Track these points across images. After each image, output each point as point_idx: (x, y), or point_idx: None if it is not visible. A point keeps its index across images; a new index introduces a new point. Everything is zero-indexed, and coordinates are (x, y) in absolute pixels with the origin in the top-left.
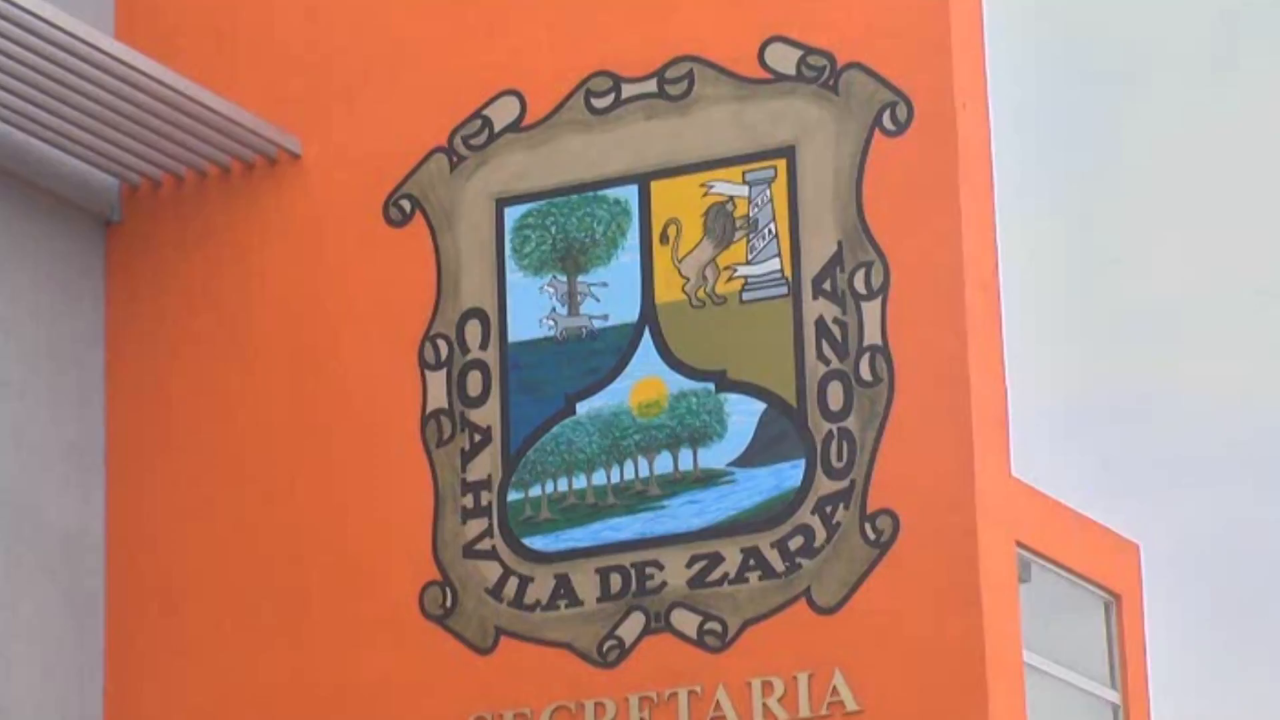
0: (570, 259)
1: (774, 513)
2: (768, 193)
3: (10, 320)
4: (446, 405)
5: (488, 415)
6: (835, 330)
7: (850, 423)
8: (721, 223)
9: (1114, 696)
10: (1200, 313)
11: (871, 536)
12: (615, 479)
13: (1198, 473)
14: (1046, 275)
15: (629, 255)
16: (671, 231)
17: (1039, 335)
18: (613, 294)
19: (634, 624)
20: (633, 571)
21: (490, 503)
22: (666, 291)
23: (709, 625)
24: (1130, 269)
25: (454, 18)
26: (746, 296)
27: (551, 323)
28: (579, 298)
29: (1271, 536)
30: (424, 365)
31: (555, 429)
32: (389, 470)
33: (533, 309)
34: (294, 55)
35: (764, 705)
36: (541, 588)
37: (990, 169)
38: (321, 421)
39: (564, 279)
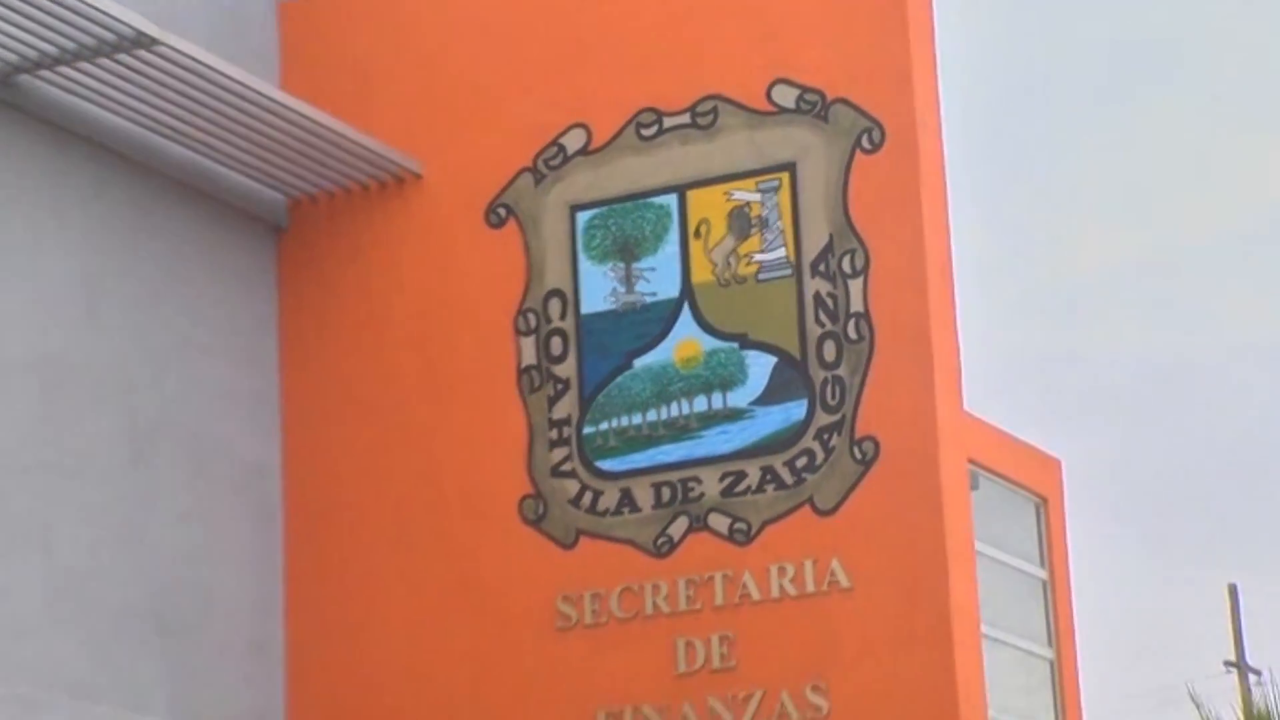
0: (627, 250)
1: (784, 440)
2: (775, 198)
3: (202, 306)
4: (536, 362)
5: (567, 369)
6: (829, 301)
7: (841, 371)
8: (741, 221)
9: (1043, 574)
10: (1112, 285)
11: (859, 457)
12: (664, 416)
13: (1108, 408)
14: (994, 256)
15: (671, 247)
16: (703, 229)
17: (988, 302)
18: (659, 276)
19: (680, 525)
20: (678, 485)
21: (570, 435)
22: (700, 274)
23: (737, 525)
24: (1060, 251)
25: (536, 70)
26: (761, 277)
27: (613, 299)
28: (634, 280)
29: (1160, 454)
30: (518, 332)
31: (618, 379)
32: (494, 412)
33: (599, 289)
34: (416, 98)
35: (779, 585)
36: (610, 499)
37: (944, 175)
38: (444, 376)
39: (622, 266)
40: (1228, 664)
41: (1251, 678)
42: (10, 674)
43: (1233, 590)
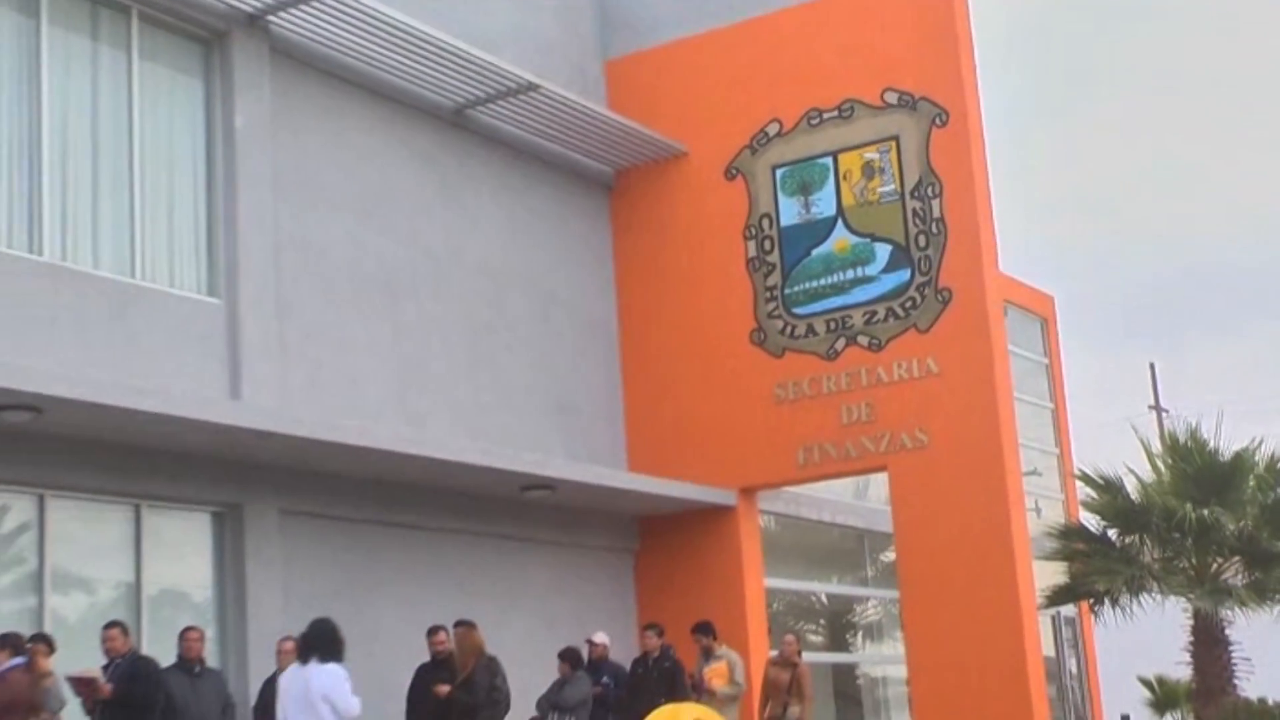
0: (805, 188)
1: (898, 292)
2: (889, 156)
3: (570, 231)
4: (756, 255)
5: (774, 258)
6: (921, 213)
7: (929, 252)
8: (869, 170)
9: (1045, 361)
10: (1083, 197)
11: (940, 300)
12: (829, 281)
13: (1081, 264)
14: (1015, 181)
15: (830, 186)
16: (848, 175)
17: (1015, 206)
18: (823, 203)
19: (841, 341)
20: (840, 319)
21: (778, 295)
22: (847, 200)
23: (873, 341)
24: (1051, 176)
25: (750, 89)
26: (882, 201)
27: (799, 217)
28: (810, 206)
29: (1113, 289)
30: (745, 238)
31: (803, 262)
32: (733, 283)
33: (790, 211)
34: (684, 109)
35: (898, 373)
36: (801, 329)
37: (984, 139)
38: (703, 264)
39: (803, 198)
40: (1150, 407)
41: (1164, 414)
42: (481, 436)
43: (1152, 366)
